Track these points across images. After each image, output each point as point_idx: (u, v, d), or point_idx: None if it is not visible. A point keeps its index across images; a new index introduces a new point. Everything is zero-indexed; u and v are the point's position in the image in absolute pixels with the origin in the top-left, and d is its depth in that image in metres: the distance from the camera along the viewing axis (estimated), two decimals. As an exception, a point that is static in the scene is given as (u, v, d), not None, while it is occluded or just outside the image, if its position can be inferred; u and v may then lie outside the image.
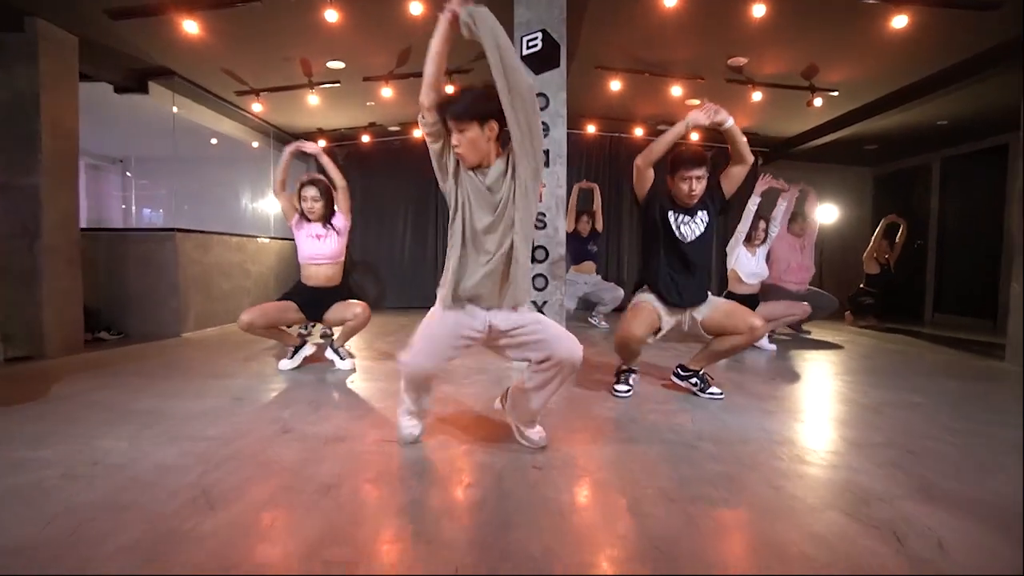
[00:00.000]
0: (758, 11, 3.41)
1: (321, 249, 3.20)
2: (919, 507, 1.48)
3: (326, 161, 3.27)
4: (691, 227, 2.66)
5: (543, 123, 3.33)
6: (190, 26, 3.56)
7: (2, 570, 1.13)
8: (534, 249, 3.35)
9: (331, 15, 3.50)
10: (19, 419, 2.20)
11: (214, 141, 6.70)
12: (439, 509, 1.46)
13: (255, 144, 6.62)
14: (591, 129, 6.77)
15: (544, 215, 3.34)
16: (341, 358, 3.23)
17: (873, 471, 1.74)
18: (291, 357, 3.20)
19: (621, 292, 5.36)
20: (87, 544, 1.24)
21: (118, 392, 2.64)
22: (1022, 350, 3.53)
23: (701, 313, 2.60)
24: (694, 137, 6.81)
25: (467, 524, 1.37)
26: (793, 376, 3.28)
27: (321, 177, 3.26)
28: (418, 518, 1.40)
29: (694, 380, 2.64)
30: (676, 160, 2.57)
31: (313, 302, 3.17)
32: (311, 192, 3.13)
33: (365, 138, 6.95)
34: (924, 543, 1.29)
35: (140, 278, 4.47)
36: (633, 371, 2.70)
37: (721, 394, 2.59)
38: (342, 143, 7.13)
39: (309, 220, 3.18)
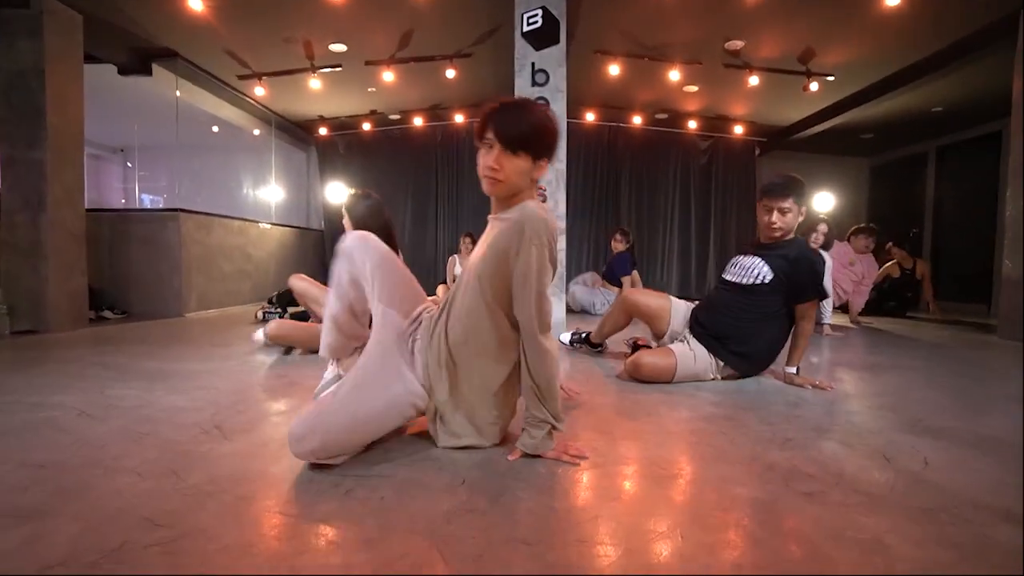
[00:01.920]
0: (755, -11, 3.47)
1: None
2: (908, 437, 1.54)
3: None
4: (743, 270, 2.26)
5: (544, 98, 3.39)
6: (194, 2, 3.61)
7: (30, 480, 1.18)
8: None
9: (334, -7, 3.56)
10: (31, 375, 2.24)
11: (216, 129, 6.74)
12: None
13: (256, 132, 6.67)
14: (590, 117, 6.83)
15: (544, 189, 3.40)
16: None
17: (867, 412, 1.80)
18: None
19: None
20: (108, 460, 1.28)
21: (125, 357, 2.68)
22: (1021, 326, 3.60)
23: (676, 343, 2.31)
24: (691, 125, 6.89)
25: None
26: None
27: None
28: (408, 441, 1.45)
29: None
30: (764, 187, 2.25)
31: None
32: None
33: (366, 126, 7.00)
34: (910, 460, 1.35)
35: (143, 258, 4.51)
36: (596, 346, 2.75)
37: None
38: (343, 132, 7.19)
39: None
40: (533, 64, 3.36)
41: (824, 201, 7.33)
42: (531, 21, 3.35)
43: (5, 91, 3.48)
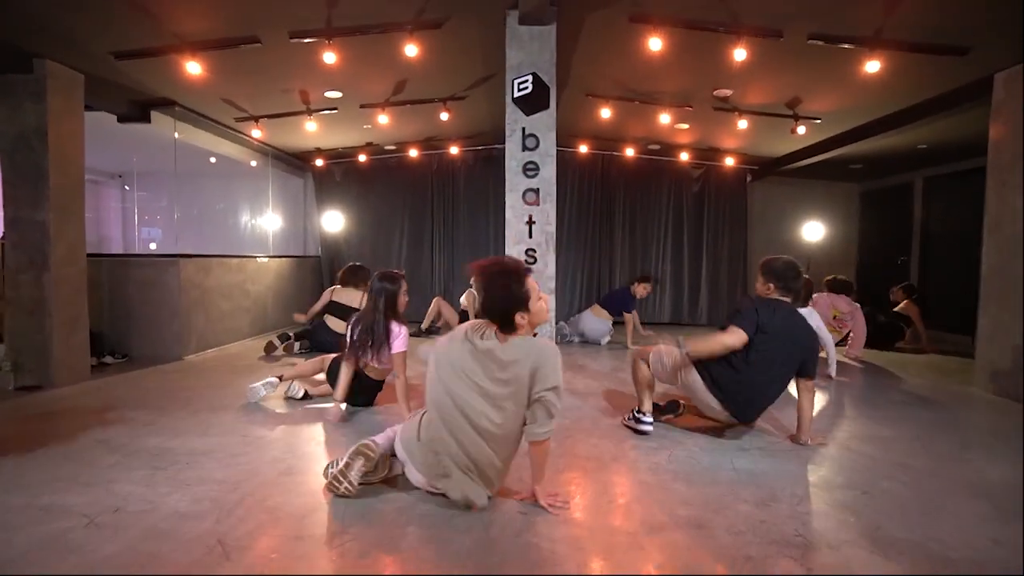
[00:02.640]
0: (739, 55, 3.57)
1: None
2: (864, 554, 1.65)
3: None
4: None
5: (534, 163, 3.49)
6: (193, 67, 3.70)
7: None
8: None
9: (329, 57, 3.64)
10: (39, 463, 2.34)
11: (213, 160, 6.83)
12: (435, 552, 1.62)
13: (253, 163, 6.75)
14: (583, 149, 6.93)
15: (535, 251, 3.50)
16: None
17: (829, 514, 1.92)
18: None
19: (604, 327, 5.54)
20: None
21: (127, 429, 2.78)
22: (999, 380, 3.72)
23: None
24: (684, 156, 7.00)
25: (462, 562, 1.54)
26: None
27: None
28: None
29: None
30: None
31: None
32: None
33: (362, 157, 7.09)
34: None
35: (143, 302, 4.61)
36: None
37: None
38: (340, 160, 7.27)
39: None
40: (524, 129, 3.46)
41: (814, 231, 7.45)
42: (522, 87, 3.45)
43: (10, 154, 3.58)
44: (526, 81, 3.44)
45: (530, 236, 3.45)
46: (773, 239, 7.92)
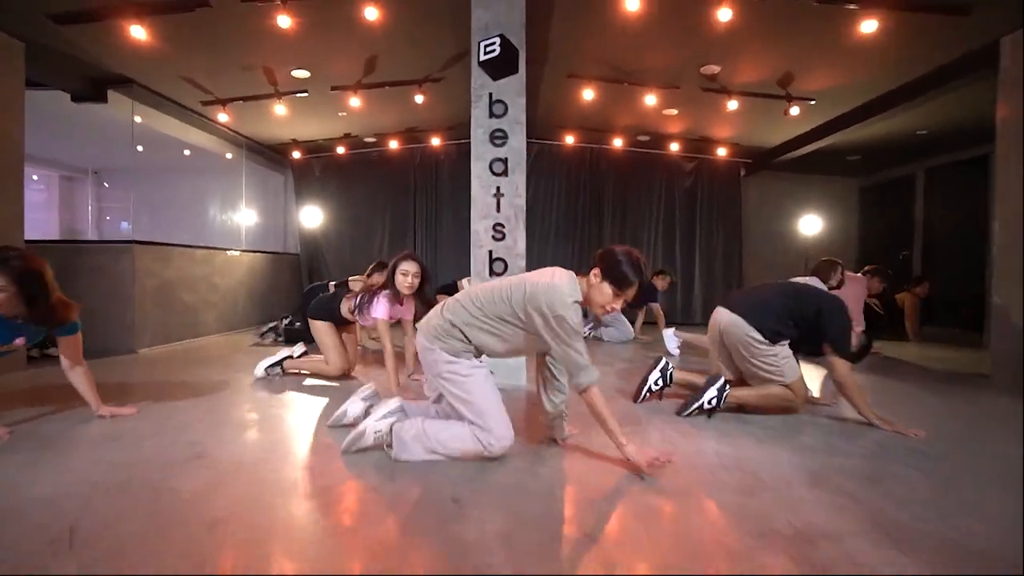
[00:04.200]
0: (724, 15, 3.32)
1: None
2: (867, 546, 1.33)
3: None
4: None
5: (502, 130, 3.22)
6: (138, 32, 3.45)
7: None
8: (493, 261, 3.22)
9: (284, 20, 3.40)
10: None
11: (187, 152, 6.59)
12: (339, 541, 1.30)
13: (228, 155, 6.51)
14: (570, 140, 6.69)
15: (503, 226, 3.21)
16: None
17: (826, 502, 1.59)
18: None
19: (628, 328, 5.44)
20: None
21: (32, 415, 2.47)
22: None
23: None
24: (674, 148, 6.74)
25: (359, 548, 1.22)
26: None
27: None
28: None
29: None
30: None
31: None
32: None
33: (341, 149, 6.86)
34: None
35: (93, 292, 4.29)
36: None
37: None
38: (318, 155, 7.04)
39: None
40: (491, 95, 3.20)
41: (811, 224, 7.17)
42: (488, 50, 3.19)
43: (-63, 123, 3.31)
44: (493, 43, 3.19)
45: (498, 210, 3.16)
46: (769, 236, 7.63)
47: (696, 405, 2.49)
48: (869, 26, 3.32)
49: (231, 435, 2.18)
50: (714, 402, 2.49)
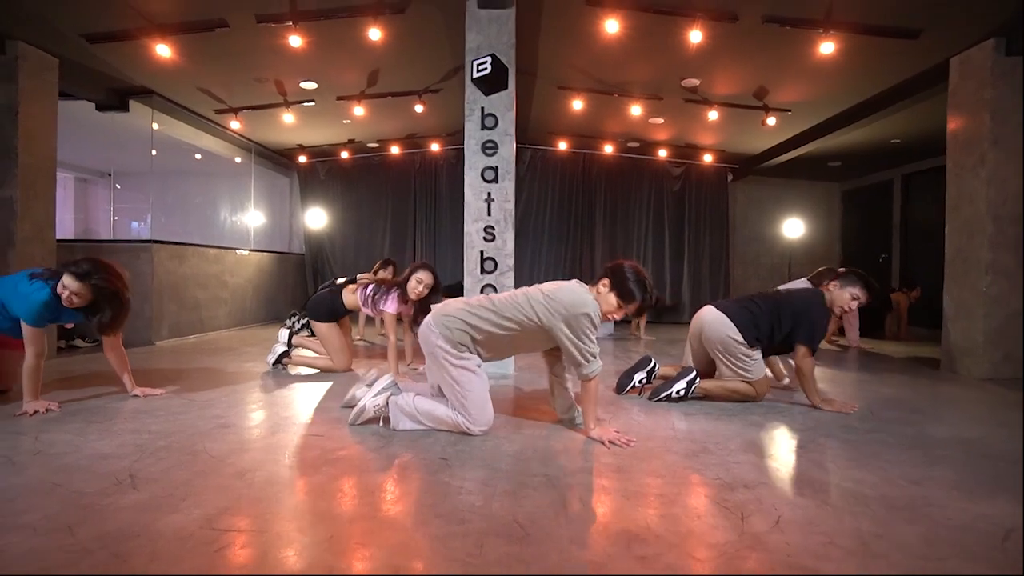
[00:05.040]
0: (695, 36, 3.63)
1: None
2: (777, 493, 1.64)
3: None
4: None
5: (493, 141, 3.53)
6: (163, 50, 3.78)
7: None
8: (484, 260, 3.53)
9: (295, 40, 3.72)
10: (-24, 415, 2.35)
11: (198, 156, 6.92)
12: (345, 491, 1.61)
13: (238, 160, 6.84)
14: (562, 146, 7.00)
15: (494, 228, 3.52)
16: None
17: (755, 463, 1.90)
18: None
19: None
20: (9, 516, 1.39)
21: (74, 393, 2.79)
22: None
23: None
24: (662, 154, 7.06)
25: (357, 504, 1.53)
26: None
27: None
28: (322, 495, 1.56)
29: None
30: None
31: None
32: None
33: (345, 154, 7.18)
34: (763, 519, 1.44)
35: (115, 287, 4.63)
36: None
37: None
38: (323, 159, 7.37)
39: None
40: (483, 109, 3.51)
41: (794, 227, 7.47)
42: (480, 68, 3.51)
43: (-21, 133, 3.64)
44: (485, 62, 3.50)
45: (488, 213, 3.48)
46: (755, 238, 7.95)
47: (665, 393, 2.79)
48: (827, 48, 3.63)
49: (251, 410, 2.51)
50: (682, 392, 2.79)
